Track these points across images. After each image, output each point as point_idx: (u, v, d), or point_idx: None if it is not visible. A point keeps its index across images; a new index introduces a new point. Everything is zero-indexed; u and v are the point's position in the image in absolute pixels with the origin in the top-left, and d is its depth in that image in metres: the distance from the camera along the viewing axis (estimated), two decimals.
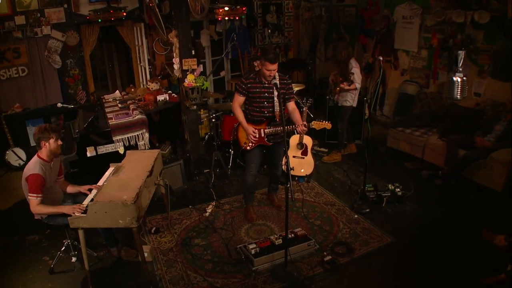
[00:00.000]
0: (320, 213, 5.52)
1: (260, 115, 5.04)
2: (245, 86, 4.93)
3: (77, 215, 3.98)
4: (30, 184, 4.10)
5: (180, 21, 5.86)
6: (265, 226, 5.31)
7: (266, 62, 4.67)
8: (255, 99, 4.96)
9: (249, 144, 5.10)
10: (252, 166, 5.26)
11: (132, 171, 4.52)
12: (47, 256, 4.86)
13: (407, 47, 7.74)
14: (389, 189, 5.71)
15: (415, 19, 7.42)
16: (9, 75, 7.40)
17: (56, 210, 4.16)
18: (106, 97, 6.85)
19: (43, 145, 4.26)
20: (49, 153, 4.30)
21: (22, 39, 7.36)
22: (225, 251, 4.81)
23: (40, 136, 4.24)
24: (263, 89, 4.93)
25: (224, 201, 5.93)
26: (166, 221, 5.40)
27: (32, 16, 7.30)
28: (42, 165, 4.22)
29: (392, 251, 4.72)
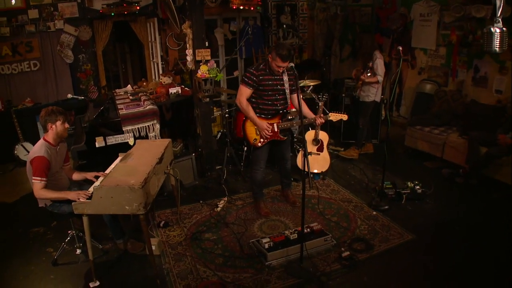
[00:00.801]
0: (336, 210, 5.20)
1: (272, 109, 4.72)
2: (256, 78, 4.57)
3: (82, 201, 3.70)
4: (34, 167, 3.85)
5: (194, 11, 5.64)
6: (279, 222, 4.99)
7: (278, 58, 4.38)
8: (267, 92, 4.63)
9: (261, 140, 4.78)
10: (261, 162, 4.97)
11: (141, 158, 4.24)
12: (51, 247, 4.62)
13: (425, 45, 7.43)
14: (409, 186, 5.41)
15: (433, 16, 7.12)
16: (21, 69, 7.26)
17: (60, 196, 3.90)
18: (117, 91, 6.62)
19: (49, 127, 4.04)
20: (55, 136, 4.07)
21: (35, 33, 7.22)
22: (236, 245, 4.51)
23: (47, 118, 4.02)
24: (275, 81, 4.62)
25: (236, 197, 5.64)
26: (176, 215, 5.13)
27: (46, 10, 7.16)
28: (48, 148, 3.99)
29: (414, 248, 4.39)
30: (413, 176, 5.72)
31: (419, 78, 7.60)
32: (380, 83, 6.34)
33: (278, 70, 4.49)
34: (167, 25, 7.33)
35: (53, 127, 4.03)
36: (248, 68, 4.75)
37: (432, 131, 6.35)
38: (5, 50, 7.07)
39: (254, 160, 4.99)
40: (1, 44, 7.05)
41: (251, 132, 4.81)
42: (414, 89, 7.67)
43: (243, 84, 4.64)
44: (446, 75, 7.13)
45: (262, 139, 4.77)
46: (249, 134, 4.82)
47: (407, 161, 6.64)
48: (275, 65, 4.45)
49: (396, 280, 3.92)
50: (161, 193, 5.63)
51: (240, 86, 4.69)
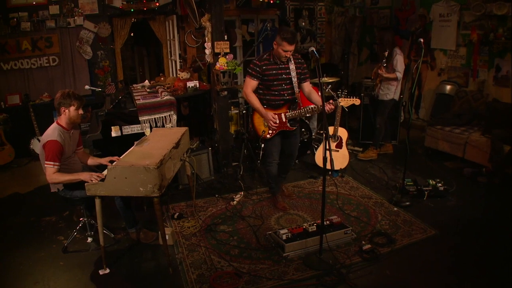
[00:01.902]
0: (356, 206, 4.95)
1: (279, 99, 4.50)
2: (259, 68, 4.38)
3: (95, 182, 3.52)
4: (47, 151, 3.69)
5: (214, 4, 5.50)
6: (297, 216, 4.76)
7: (284, 42, 4.16)
8: (272, 82, 4.42)
9: (269, 132, 4.56)
10: (274, 155, 4.72)
11: (157, 143, 4.08)
12: (62, 236, 4.46)
13: (445, 46, 7.18)
14: (430, 184, 5.14)
15: (452, 17, 6.89)
16: (40, 64, 7.18)
17: (73, 178, 3.73)
18: (134, 86, 6.50)
19: (62, 111, 3.87)
20: (68, 120, 3.91)
21: (55, 29, 7.16)
22: (253, 237, 4.29)
23: (61, 101, 3.85)
24: (280, 71, 4.41)
25: (253, 192, 5.42)
26: (190, 208, 4.93)
27: (66, 6, 7.11)
28: (61, 132, 3.83)
29: (437, 243, 4.12)
30: (434, 176, 5.44)
31: (439, 80, 7.34)
32: (399, 80, 6.08)
33: (285, 56, 4.28)
34: (186, 23, 7.21)
35: (66, 111, 3.87)
36: (252, 60, 4.60)
37: (453, 131, 6.07)
38: (25, 45, 7.01)
39: (267, 153, 4.78)
40: (22, 39, 6.99)
41: (259, 124, 4.62)
42: (434, 91, 7.41)
43: (248, 76, 4.49)
44: (466, 76, 6.87)
45: (271, 131, 4.55)
46: (258, 126, 4.64)
47: (427, 161, 6.35)
48: (281, 51, 4.23)
49: (419, 274, 3.66)
50: (175, 186, 5.46)
51: (246, 78, 4.56)
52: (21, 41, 7.00)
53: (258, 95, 4.54)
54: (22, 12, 6.91)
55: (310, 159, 6.31)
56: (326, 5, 9.77)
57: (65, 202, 4.08)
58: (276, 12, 8.98)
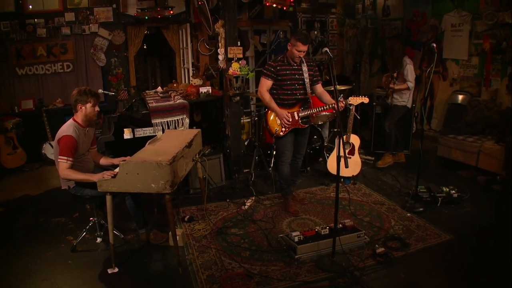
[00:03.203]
0: (369, 211, 4.85)
1: (292, 98, 4.59)
2: (274, 69, 4.50)
3: (106, 178, 3.48)
4: (61, 146, 3.67)
5: (227, 10, 5.56)
6: (309, 220, 4.68)
7: (298, 42, 4.29)
8: (286, 81, 4.53)
9: (282, 129, 4.61)
10: (286, 154, 4.75)
11: (170, 142, 4.06)
12: (71, 236, 4.42)
13: (457, 56, 7.12)
14: (444, 191, 5.03)
15: (464, 26, 6.84)
16: (54, 70, 7.27)
17: (86, 177, 3.69)
18: (147, 92, 6.50)
19: (79, 108, 3.87)
20: (84, 117, 3.90)
21: (70, 36, 7.25)
22: (264, 240, 4.21)
23: (78, 98, 3.86)
24: (293, 71, 4.52)
25: (264, 197, 5.35)
26: (201, 212, 4.87)
27: (82, 13, 7.21)
28: (76, 128, 3.82)
29: (453, 248, 4.00)
30: (447, 184, 5.32)
31: (451, 90, 7.26)
32: (411, 89, 6.06)
33: (299, 56, 4.39)
34: (199, 31, 7.25)
35: (82, 108, 3.88)
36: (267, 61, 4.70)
37: (466, 139, 5.97)
38: (40, 51, 7.09)
39: (279, 152, 4.80)
40: (37, 45, 7.08)
41: (273, 122, 4.67)
42: (446, 101, 7.33)
43: (263, 76, 4.59)
44: (479, 85, 6.78)
45: (284, 128, 4.60)
46: (271, 125, 4.68)
47: (440, 170, 6.23)
48: (295, 51, 4.35)
49: (434, 278, 3.54)
50: (186, 190, 5.42)
51: (261, 78, 4.64)
52: (37, 47, 7.08)
53: (272, 94, 4.62)
54: (39, 18, 7.02)
55: (322, 167, 6.23)
56: (337, 17, 9.79)
57: (75, 200, 4.02)
58: (288, 24, 9.00)
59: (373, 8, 9.04)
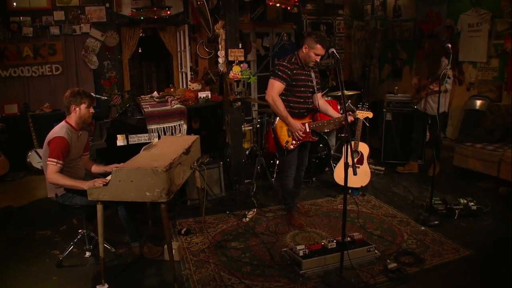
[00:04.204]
0: (379, 224, 4.83)
1: (303, 107, 4.51)
2: (290, 72, 4.30)
3: (98, 186, 3.48)
4: (52, 147, 3.68)
5: (228, 10, 5.58)
6: (315, 234, 4.65)
7: (318, 44, 4.16)
8: (300, 88, 4.40)
9: (293, 142, 4.51)
10: (292, 168, 4.69)
11: (166, 148, 4.07)
12: (57, 250, 4.37)
13: (474, 58, 7.14)
14: (461, 203, 5.00)
15: (483, 26, 6.86)
16: (42, 72, 7.28)
17: (75, 184, 3.67)
18: (142, 97, 6.53)
19: (73, 109, 3.91)
20: (78, 120, 3.94)
21: (59, 36, 7.28)
22: (266, 254, 4.18)
23: (71, 100, 3.90)
24: (306, 77, 4.42)
25: (267, 209, 5.33)
26: (199, 224, 4.86)
27: (72, 12, 7.24)
28: (69, 130, 3.85)
29: (472, 264, 3.96)
30: (465, 195, 5.29)
31: (468, 95, 7.27)
32: (448, 91, 6.09)
33: (314, 61, 4.29)
34: (198, 33, 7.30)
35: (76, 109, 3.91)
36: (278, 61, 4.52)
37: (485, 148, 5.95)
38: (26, 51, 7.09)
39: (286, 165, 4.70)
40: (23, 45, 7.07)
41: (283, 134, 4.52)
42: (462, 107, 7.33)
43: (276, 78, 4.33)
44: (499, 89, 6.78)
45: (295, 141, 4.50)
46: (281, 136, 4.53)
47: (457, 181, 6.21)
48: (313, 54, 4.23)
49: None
50: (183, 201, 5.42)
51: (271, 81, 4.37)
52: (22, 47, 7.08)
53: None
54: (24, 16, 7.01)
55: (328, 177, 6.23)
56: (345, 19, 9.86)
57: (62, 211, 4.00)
58: (292, 26, 9.07)
59: (383, 8, 9.09)
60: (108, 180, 3.54)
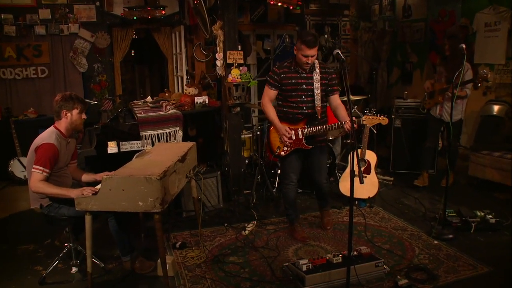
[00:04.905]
0: (388, 238, 4.83)
1: (297, 112, 4.53)
2: (277, 77, 4.45)
3: (86, 195, 3.49)
4: (39, 154, 3.69)
5: (227, 10, 5.65)
6: (319, 248, 4.65)
7: (303, 45, 4.21)
8: (291, 92, 4.47)
9: (284, 148, 4.57)
10: (291, 176, 4.71)
11: (160, 155, 4.10)
12: (40, 266, 4.34)
13: (492, 60, 7.11)
14: (478, 215, 5.00)
15: (502, 25, 6.85)
16: (26, 74, 7.29)
17: (61, 192, 3.68)
18: (135, 102, 6.57)
19: (63, 115, 3.92)
20: (68, 126, 3.95)
21: (45, 36, 7.30)
22: (267, 270, 4.17)
23: (62, 104, 3.91)
24: (301, 80, 4.44)
25: (268, 221, 5.34)
26: (195, 237, 4.86)
27: (59, 11, 7.27)
28: (58, 136, 3.87)
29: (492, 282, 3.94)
30: (482, 207, 5.28)
31: (484, 100, 7.26)
32: (467, 97, 6.10)
33: (306, 62, 4.30)
34: (194, 34, 7.35)
35: (68, 115, 3.92)
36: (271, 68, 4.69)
37: (504, 156, 5.94)
38: (8, 52, 7.10)
39: (283, 173, 4.81)
40: (4, 45, 7.07)
41: (275, 139, 4.65)
42: (478, 113, 7.34)
43: (267, 85, 4.58)
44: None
45: (285, 147, 4.57)
46: (273, 142, 4.68)
47: (472, 192, 6.21)
48: (301, 56, 4.27)
49: None
50: (179, 213, 5.43)
51: (265, 87, 4.63)
52: (4, 47, 7.08)
53: (277, 106, 4.61)
54: (6, 14, 7.01)
55: (333, 188, 6.22)
56: (351, 21, 9.91)
57: (47, 223, 3.99)
58: (295, 28, 9.14)
59: (392, 8, 9.14)
60: (98, 188, 3.55)
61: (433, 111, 6.34)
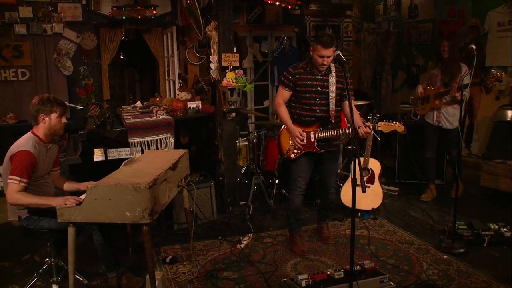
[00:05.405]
0: (393, 252, 4.80)
1: (310, 115, 4.62)
2: (292, 77, 4.59)
3: (69, 205, 3.46)
4: (15, 163, 3.64)
5: (221, 10, 5.69)
6: (319, 262, 4.62)
7: (319, 45, 4.33)
8: (305, 94, 4.58)
9: (294, 151, 4.66)
10: (299, 180, 4.76)
11: (150, 163, 4.09)
12: (16, 284, 4.27)
13: (505, 62, 7.09)
14: (492, 228, 4.98)
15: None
16: (5, 77, 7.24)
17: (42, 202, 3.64)
18: (124, 107, 6.57)
19: (41, 119, 3.86)
20: (47, 131, 3.89)
21: (26, 36, 7.27)
22: (264, 286, 4.15)
23: (40, 107, 3.85)
24: (316, 82, 4.54)
25: (265, 234, 5.33)
26: (187, 252, 4.83)
27: (42, 9, 7.24)
28: (36, 143, 3.80)
29: None
30: (495, 220, 5.25)
31: (497, 105, 7.25)
32: (467, 100, 6.03)
33: (322, 64, 4.40)
34: (187, 36, 7.35)
35: (46, 119, 3.86)
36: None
37: None
38: None
39: (291, 178, 4.83)
40: None
41: (286, 141, 4.75)
42: (490, 119, 7.33)
43: (281, 85, 4.72)
44: None
45: (296, 150, 4.65)
46: (283, 143, 4.77)
47: (485, 204, 6.19)
48: (317, 57, 4.38)
49: None
50: (169, 225, 5.41)
51: (279, 87, 4.78)
52: None
53: (290, 108, 4.72)
54: None
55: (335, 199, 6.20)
56: (353, 22, 9.94)
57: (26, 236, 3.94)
58: (294, 29, 9.15)
59: (397, 8, 9.17)
60: (82, 198, 3.52)
61: (429, 118, 6.28)
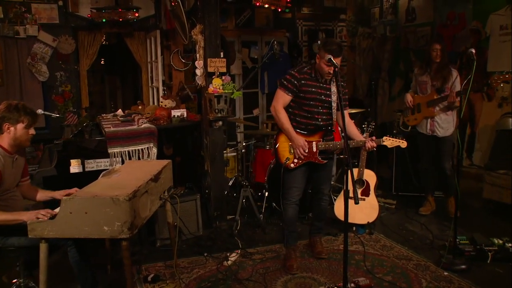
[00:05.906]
0: (391, 268, 4.80)
1: (311, 123, 4.66)
2: (297, 82, 4.58)
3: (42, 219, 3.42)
4: None
5: (207, 12, 5.70)
6: (311, 279, 4.61)
7: (328, 54, 4.32)
8: (308, 101, 4.60)
9: (294, 160, 4.66)
10: (293, 191, 4.78)
11: (130, 174, 4.05)
12: None
13: (508, 68, 7.12)
14: (495, 243, 4.99)
15: None
16: None
17: (10, 218, 3.57)
18: (104, 116, 6.54)
19: (5, 128, 3.76)
20: (12, 141, 3.81)
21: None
22: None
23: (5, 116, 3.74)
24: (320, 90, 4.60)
25: (253, 250, 5.31)
26: (171, 269, 4.79)
27: (14, 9, 7.22)
28: (1, 154, 3.73)
29: None
30: (499, 235, 5.26)
31: (500, 112, 7.31)
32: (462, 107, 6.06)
33: (329, 72, 4.46)
34: (172, 40, 7.37)
35: (11, 129, 3.77)
36: (289, 70, 4.77)
37: None
38: None
39: (286, 187, 4.84)
40: None
41: (284, 149, 4.72)
42: (493, 128, 7.38)
43: (281, 88, 4.67)
44: None
45: (296, 160, 4.66)
46: (281, 152, 4.74)
47: (488, 218, 6.21)
48: (324, 65, 4.43)
49: None
50: (152, 242, 5.38)
51: (278, 91, 4.72)
52: None
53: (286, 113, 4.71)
54: None
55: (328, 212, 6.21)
56: (348, 26, 10.00)
57: None
58: (285, 34, 9.20)
59: (394, 12, 9.27)
60: (56, 212, 3.48)
61: (422, 128, 6.26)
